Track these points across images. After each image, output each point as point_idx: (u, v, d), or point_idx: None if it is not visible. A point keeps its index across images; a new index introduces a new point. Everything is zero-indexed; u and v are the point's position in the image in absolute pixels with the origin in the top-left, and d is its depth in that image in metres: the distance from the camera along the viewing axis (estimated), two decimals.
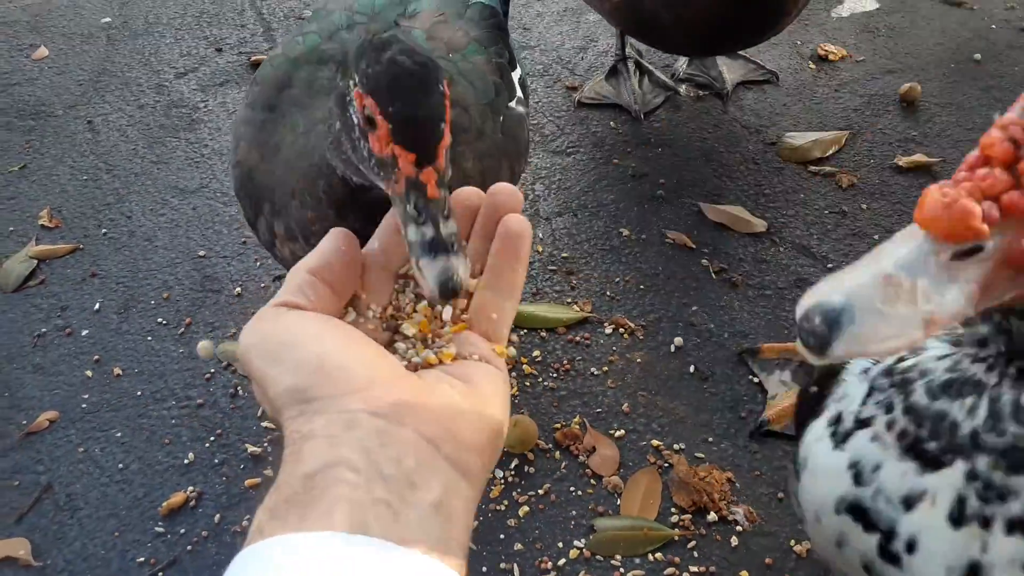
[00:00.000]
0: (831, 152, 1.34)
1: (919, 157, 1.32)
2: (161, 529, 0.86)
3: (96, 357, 1.04)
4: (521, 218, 0.44)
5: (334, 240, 0.42)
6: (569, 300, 1.11)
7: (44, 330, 1.07)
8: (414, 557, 0.31)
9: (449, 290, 0.45)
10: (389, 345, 0.42)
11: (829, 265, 1.16)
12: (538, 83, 1.51)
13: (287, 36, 0.99)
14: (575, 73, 1.53)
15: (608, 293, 1.13)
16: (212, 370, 1.02)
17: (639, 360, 1.04)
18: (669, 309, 1.11)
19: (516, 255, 0.44)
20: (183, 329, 1.07)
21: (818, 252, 1.18)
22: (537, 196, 1.28)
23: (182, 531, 0.86)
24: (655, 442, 0.96)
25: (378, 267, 0.44)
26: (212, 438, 0.95)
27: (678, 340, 1.06)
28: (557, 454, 0.95)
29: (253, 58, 1.53)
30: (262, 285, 1.14)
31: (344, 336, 0.39)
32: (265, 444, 0.95)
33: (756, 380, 1.02)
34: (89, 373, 1.02)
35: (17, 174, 1.32)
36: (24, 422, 0.97)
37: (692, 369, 1.03)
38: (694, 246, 1.20)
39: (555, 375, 1.03)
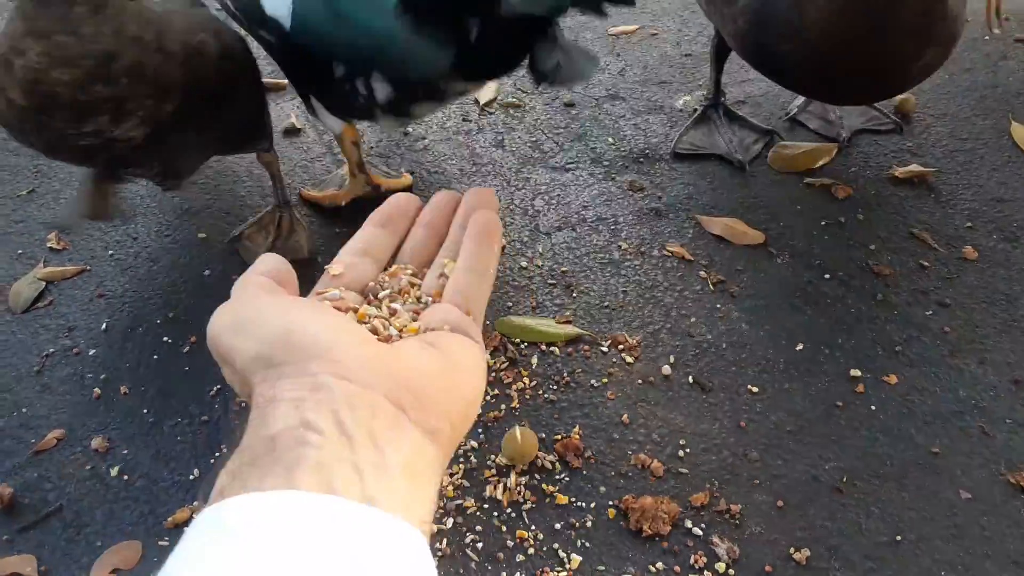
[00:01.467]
0: (823, 162, 1.36)
1: (915, 167, 1.34)
2: (166, 543, 0.88)
3: (103, 376, 1.05)
4: (492, 214, 0.48)
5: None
6: (568, 313, 1.13)
7: (52, 350, 1.09)
8: (379, 516, 0.31)
9: None
10: (362, 319, 0.43)
11: (826, 275, 1.17)
12: (537, 100, 1.53)
13: None
14: (573, 90, 1.55)
15: (607, 305, 1.14)
16: (217, 386, 1.03)
17: (638, 372, 1.05)
18: (668, 321, 1.12)
19: (489, 240, 0.47)
20: (188, 347, 1.09)
21: (816, 262, 1.19)
22: (537, 211, 1.30)
23: None
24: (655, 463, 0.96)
25: (359, 253, 0.48)
26: (217, 454, 0.96)
27: (677, 352, 1.08)
28: (557, 465, 0.95)
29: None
30: None
31: (311, 309, 0.40)
32: None
33: (755, 389, 1.03)
34: (97, 391, 1.03)
35: (26, 198, 1.34)
36: (32, 440, 0.98)
37: (691, 380, 1.04)
38: (692, 258, 1.21)
39: (555, 387, 1.04)
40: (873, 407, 1.01)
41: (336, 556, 0.29)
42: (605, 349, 1.08)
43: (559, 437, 0.98)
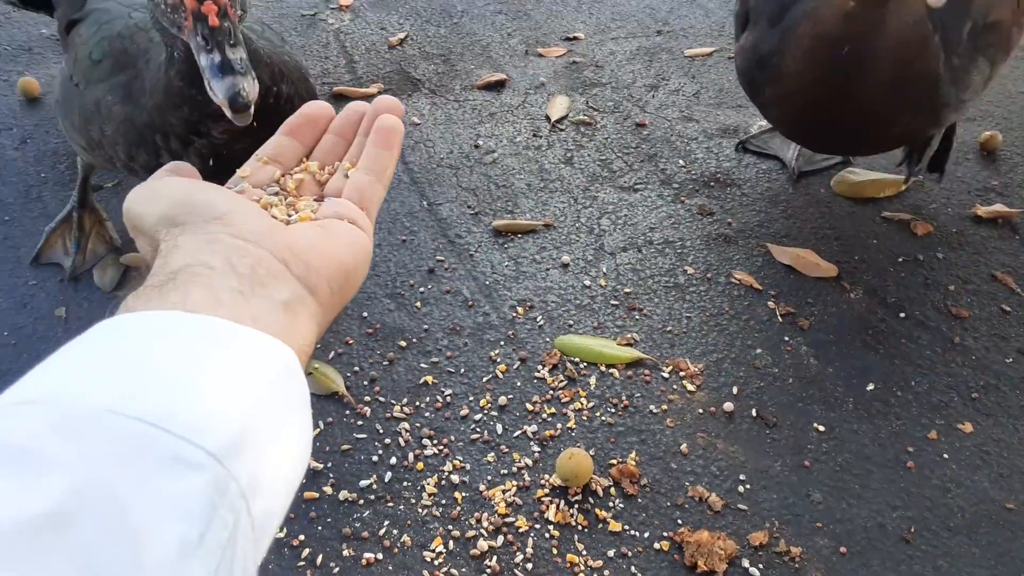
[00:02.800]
0: (888, 193, 1.32)
1: (999, 207, 1.29)
2: None
3: None
4: (394, 117, 0.51)
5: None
6: (630, 336, 1.11)
7: None
8: (260, 335, 0.35)
9: (240, 104, 0.57)
10: (264, 208, 0.47)
11: (901, 314, 1.13)
12: (608, 119, 1.52)
13: (87, 35, 1.03)
14: (645, 111, 1.54)
15: (670, 330, 1.12)
16: None
17: (699, 401, 1.03)
18: (732, 350, 1.10)
19: (389, 143, 0.50)
20: None
21: (890, 300, 1.16)
22: (603, 231, 1.29)
23: None
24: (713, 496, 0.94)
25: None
26: None
27: (740, 383, 1.05)
28: (612, 490, 0.94)
29: (335, 88, 1.59)
30: None
31: (214, 187, 0.45)
32: (326, 461, 0.97)
33: (821, 428, 1.00)
34: None
35: (111, 191, 1.39)
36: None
37: (754, 413, 1.02)
38: (760, 288, 1.18)
39: (613, 411, 1.02)
40: (945, 455, 0.97)
41: (217, 356, 0.33)
42: (666, 375, 1.07)
43: (615, 462, 0.96)
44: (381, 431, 1.01)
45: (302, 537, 0.90)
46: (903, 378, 1.05)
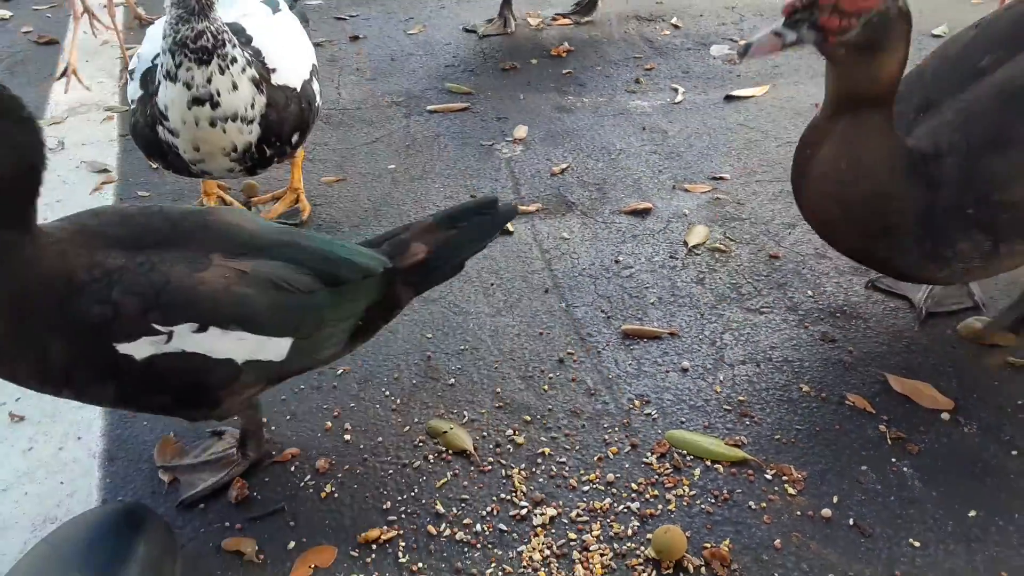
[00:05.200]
0: (1010, 342, 1.33)
1: None
2: (355, 554, 1.04)
3: (335, 413, 1.28)
4: None
5: None
6: (739, 438, 1.19)
7: (302, 387, 1.34)
8: None
9: None
10: None
11: (1014, 451, 1.14)
12: (743, 249, 1.65)
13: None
14: (780, 245, 1.65)
15: (779, 438, 1.19)
16: (421, 438, 1.21)
17: (798, 504, 1.09)
18: (837, 463, 1.15)
19: None
20: (399, 404, 1.29)
21: (1004, 437, 1.17)
22: (724, 344, 1.39)
23: (371, 559, 1.03)
24: None
25: None
26: (412, 492, 1.13)
27: (842, 493, 1.10)
28: (703, 569, 1.01)
29: None
30: (473, 380, 1.34)
31: None
32: (449, 507, 1.11)
33: (916, 543, 1.02)
34: (328, 425, 1.26)
35: None
36: (274, 453, 1.21)
37: (851, 522, 1.06)
38: (874, 411, 1.23)
39: (713, 501, 1.10)
40: None
41: None
42: (769, 477, 1.13)
43: (708, 545, 1.03)
44: (499, 489, 1.14)
45: (421, 564, 1.03)
46: (1007, 510, 1.05)
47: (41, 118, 2.25)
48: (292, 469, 1.18)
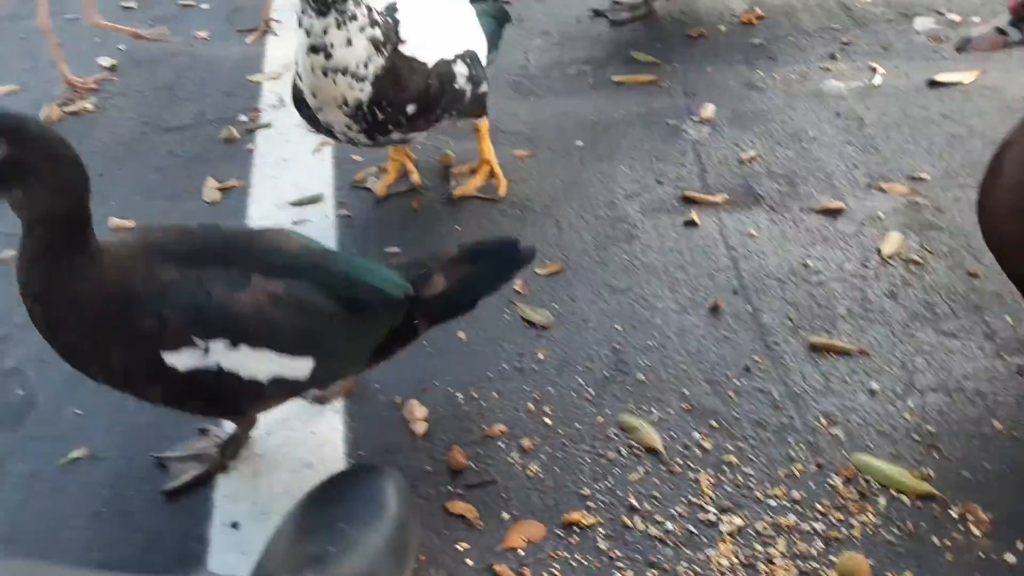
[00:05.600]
0: None
1: None
2: (560, 534, 1.18)
3: (536, 396, 1.41)
4: None
5: None
6: (926, 471, 1.23)
7: (505, 367, 1.47)
8: None
9: None
10: None
11: None
12: (940, 263, 1.62)
13: None
14: (980, 262, 1.61)
15: (968, 476, 1.22)
16: (615, 432, 1.33)
17: (981, 546, 1.12)
18: None
19: None
20: (592, 395, 1.40)
21: None
22: (915, 368, 1.40)
23: (574, 540, 1.17)
24: None
25: None
26: (607, 482, 1.25)
27: None
28: None
29: (685, 193, 1.87)
30: (661, 378, 1.43)
31: None
32: (641, 501, 1.22)
33: None
34: (531, 407, 1.39)
35: None
36: (484, 427, 1.36)
37: None
38: None
39: (897, 532, 1.15)
40: None
41: None
42: (954, 515, 1.17)
43: (890, 575, 1.10)
44: (687, 491, 1.24)
45: (618, 553, 1.15)
46: None
47: (259, 71, 2.45)
48: (501, 445, 1.32)
